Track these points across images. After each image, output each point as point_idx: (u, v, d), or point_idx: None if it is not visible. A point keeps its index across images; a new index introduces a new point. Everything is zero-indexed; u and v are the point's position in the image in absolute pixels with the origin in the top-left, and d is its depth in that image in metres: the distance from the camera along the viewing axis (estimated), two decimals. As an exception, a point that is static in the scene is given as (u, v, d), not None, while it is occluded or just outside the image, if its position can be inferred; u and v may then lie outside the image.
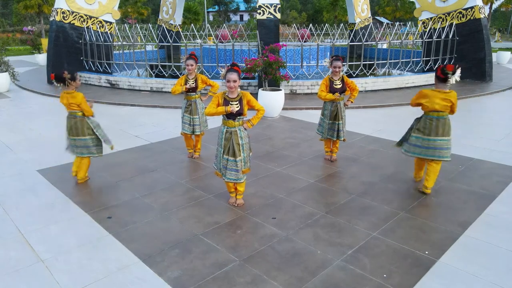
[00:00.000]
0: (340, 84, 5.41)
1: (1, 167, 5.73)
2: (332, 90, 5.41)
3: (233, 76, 3.96)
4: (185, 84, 5.61)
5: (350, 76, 12.51)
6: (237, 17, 72.14)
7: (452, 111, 4.48)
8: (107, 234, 3.84)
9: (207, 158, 6.00)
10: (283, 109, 9.03)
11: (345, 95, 5.55)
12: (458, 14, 13.17)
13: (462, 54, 13.32)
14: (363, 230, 3.88)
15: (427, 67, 13.20)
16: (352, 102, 5.56)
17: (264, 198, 4.63)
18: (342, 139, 5.63)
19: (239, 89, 4.11)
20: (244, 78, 10.66)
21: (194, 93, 5.68)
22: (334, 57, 5.39)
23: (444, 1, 13.42)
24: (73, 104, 4.85)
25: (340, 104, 5.53)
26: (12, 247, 3.63)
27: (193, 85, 5.62)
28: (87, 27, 13.41)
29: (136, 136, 7.24)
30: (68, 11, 13.04)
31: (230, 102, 4.03)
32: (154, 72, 13.09)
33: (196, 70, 5.73)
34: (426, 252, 3.48)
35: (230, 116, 4.06)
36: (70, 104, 4.87)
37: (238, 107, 4.02)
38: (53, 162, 5.86)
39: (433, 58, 13.07)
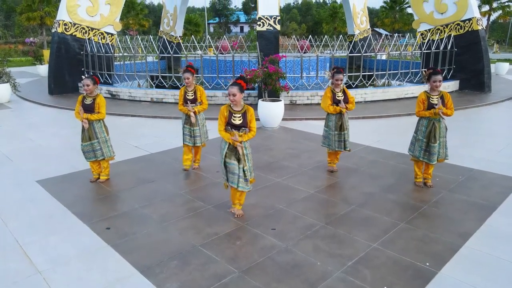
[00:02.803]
0: (342, 96, 5.45)
1: (1, 178, 5.72)
2: (335, 101, 5.45)
3: (233, 90, 4.05)
4: (184, 95, 5.64)
5: (349, 87, 12.57)
6: (238, 29, 72.89)
7: None
8: (105, 245, 3.82)
9: (207, 168, 6.00)
10: (283, 119, 9.05)
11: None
12: (456, 25, 13.31)
13: (460, 65, 13.42)
14: (363, 241, 3.86)
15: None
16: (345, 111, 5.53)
17: (264, 208, 4.61)
18: (348, 149, 5.64)
19: (242, 102, 4.21)
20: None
21: (194, 105, 5.69)
22: (335, 70, 5.43)
23: (442, 13, 13.56)
24: None
25: (345, 114, 5.54)
26: (10, 258, 3.60)
27: (192, 97, 5.63)
28: (89, 39, 13.53)
29: (136, 147, 7.25)
30: (70, 23, 13.18)
31: (233, 115, 4.14)
32: (154, 83, 13.16)
33: (194, 82, 5.74)
34: (427, 264, 3.46)
35: (234, 127, 4.16)
36: None
37: (241, 136, 4.15)
38: (53, 173, 5.85)
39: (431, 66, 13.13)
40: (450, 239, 3.87)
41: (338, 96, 5.44)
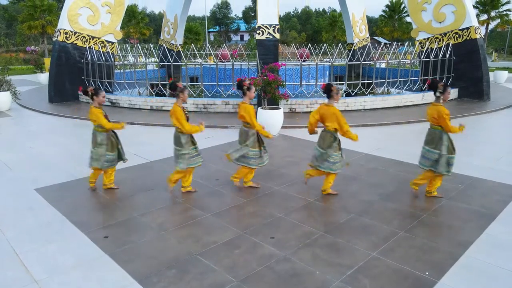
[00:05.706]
0: None
1: (-1, 186, 5.72)
2: None
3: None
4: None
5: (349, 95, 12.62)
6: (238, 37, 73.32)
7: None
8: (103, 254, 3.79)
9: (206, 177, 5.99)
10: (282, 127, 9.06)
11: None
12: (454, 34, 13.39)
13: (459, 73, 13.47)
14: (362, 250, 3.83)
15: (425, 86, 13.32)
16: None
17: (262, 217, 4.59)
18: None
19: None
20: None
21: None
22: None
23: (440, 22, 13.66)
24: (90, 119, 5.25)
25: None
26: (7, 267, 3.58)
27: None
28: (89, 47, 13.60)
29: (135, 155, 7.24)
30: (71, 31, 13.26)
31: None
32: (154, 91, 13.21)
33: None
34: (427, 273, 3.43)
35: None
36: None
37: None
38: (51, 181, 5.84)
39: (431, 77, 13.21)
40: (450, 248, 3.85)
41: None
